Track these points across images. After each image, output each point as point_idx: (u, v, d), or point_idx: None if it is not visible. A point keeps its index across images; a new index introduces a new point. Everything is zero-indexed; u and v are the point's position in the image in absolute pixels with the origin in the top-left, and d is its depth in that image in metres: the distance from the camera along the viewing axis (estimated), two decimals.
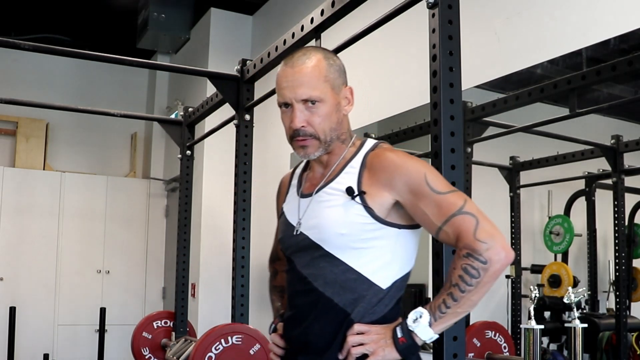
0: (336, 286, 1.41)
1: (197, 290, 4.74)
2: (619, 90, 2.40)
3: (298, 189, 1.59)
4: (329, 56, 1.51)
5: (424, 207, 1.36)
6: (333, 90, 1.47)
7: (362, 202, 1.40)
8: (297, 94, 1.44)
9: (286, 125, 1.49)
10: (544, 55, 2.30)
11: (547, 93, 2.46)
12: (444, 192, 1.36)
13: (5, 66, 5.49)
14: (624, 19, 1.99)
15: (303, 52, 1.49)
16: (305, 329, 1.44)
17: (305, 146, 1.47)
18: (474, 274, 1.28)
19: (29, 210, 5.22)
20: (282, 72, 1.48)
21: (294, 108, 1.45)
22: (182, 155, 3.46)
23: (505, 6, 2.50)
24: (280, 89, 1.47)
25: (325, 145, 1.48)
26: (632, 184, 2.42)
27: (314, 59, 1.46)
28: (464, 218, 1.32)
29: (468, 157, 2.68)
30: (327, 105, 1.46)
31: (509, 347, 2.50)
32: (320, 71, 1.46)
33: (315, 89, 1.44)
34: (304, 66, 1.45)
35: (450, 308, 1.30)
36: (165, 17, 5.00)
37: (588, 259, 2.62)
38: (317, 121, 1.45)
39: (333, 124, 1.48)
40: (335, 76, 1.49)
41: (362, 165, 1.45)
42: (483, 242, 1.28)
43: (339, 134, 1.50)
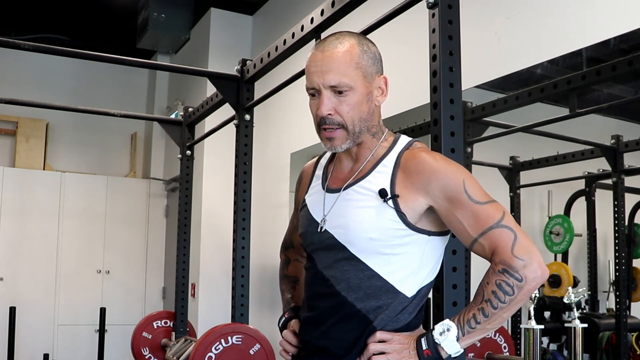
0: (360, 292, 1.35)
1: (197, 290, 4.74)
2: (619, 90, 2.40)
3: (323, 181, 1.50)
4: (364, 42, 1.42)
5: (460, 216, 1.30)
6: (365, 79, 1.39)
7: (395, 207, 1.33)
8: (326, 79, 1.35)
9: (313, 112, 1.40)
10: (544, 55, 2.30)
11: (547, 93, 2.46)
12: (483, 202, 1.29)
13: (5, 66, 5.49)
14: (624, 19, 1.99)
15: (336, 36, 1.41)
16: (324, 333, 1.39)
17: (332, 138, 1.39)
18: (508, 291, 1.23)
19: (29, 210, 5.22)
20: (312, 56, 1.40)
21: (321, 94, 1.37)
22: (182, 155, 3.46)
23: (505, 6, 2.50)
24: (308, 73, 1.39)
25: (353, 137, 1.40)
26: (632, 184, 2.43)
27: (346, 43, 1.38)
28: (501, 232, 1.26)
29: (468, 157, 2.68)
30: (358, 93, 1.37)
31: (509, 347, 2.50)
32: (352, 57, 1.37)
33: (345, 75, 1.36)
34: (335, 50, 1.37)
35: (480, 324, 1.26)
36: (165, 17, 5.00)
37: (588, 259, 2.62)
38: (345, 110, 1.37)
39: (363, 114, 1.39)
40: (369, 63, 1.40)
41: (395, 165, 1.37)
42: (520, 259, 1.23)
43: (369, 126, 1.42)
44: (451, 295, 1.45)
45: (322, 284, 1.41)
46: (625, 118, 2.53)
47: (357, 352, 1.34)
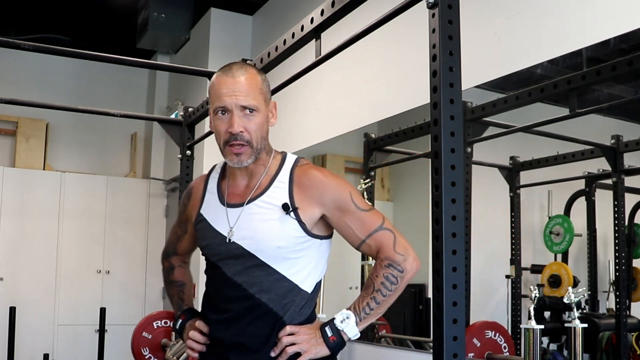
0: (272, 293, 1.57)
1: (197, 290, 4.74)
2: (619, 90, 2.40)
3: (220, 197, 1.68)
4: (260, 72, 1.66)
5: (349, 222, 1.58)
6: (265, 103, 1.61)
7: (297, 217, 1.56)
8: (238, 99, 1.55)
9: (222, 130, 1.58)
10: (544, 55, 2.30)
11: (547, 93, 2.46)
12: (366, 209, 1.59)
13: (5, 66, 5.49)
14: (624, 19, 1.99)
15: (239, 65, 1.62)
16: (241, 331, 1.58)
17: (239, 153, 1.58)
18: (393, 281, 1.54)
19: (29, 210, 5.22)
20: (222, 80, 1.59)
21: (232, 114, 1.56)
22: (182, 155, 3.46)
23: (505, 6, 2.50)
24: (219, 95, 1.57)
25: (256, 153, 1.60)
26: (632, 184, 2.42)
27: (250, 72, 1.60)
28: (384, 234, 1.56)
29: (468, 157, 2.68)
30: (261, 115, 1.59)
31: (509, 347, 2.50)
32: (257, 83, 1.60)
33: (254, 98, 1.57)
34: (244, 77, 1.58)
35: (373, 310, 1.55)
36: (165, 17, 5.00)
37: (588, 259, 2.62)
38: (253, 128, 1.57)
39: (264, 134, 1.61)
40: (267, 90, 1.63)
41: (290, 181, 1.60)
42: (400, 254, 1.55)
43: (265, 145, 1.63)
44: (451, 295, 1.45)
45: (233, 288, 1.60)
46: (625, 118, 2.52)
47: (271, 345, 1.56)
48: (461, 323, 1.45)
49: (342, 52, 2.11)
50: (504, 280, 2.78)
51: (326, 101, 3.76)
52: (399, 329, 3.14)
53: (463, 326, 1.47)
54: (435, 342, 1.43)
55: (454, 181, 1.49)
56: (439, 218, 1.45)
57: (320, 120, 3.82)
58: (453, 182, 1.49)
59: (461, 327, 1.46)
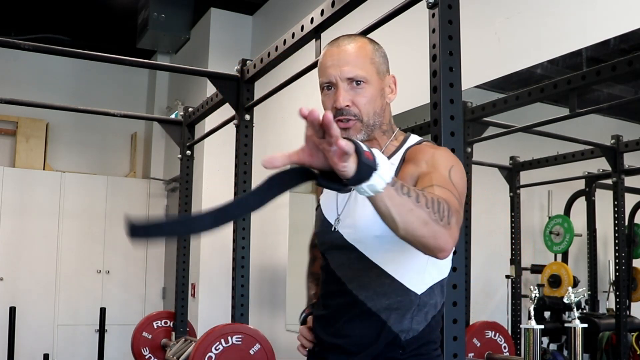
0: (370, 290, 1.36)
1: (197, 290, 4.74)
2: (619, 90, 2.40)
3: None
4: (374, 42, 1.47)
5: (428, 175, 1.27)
6: (378, 75, 1.42)
7: None
8: (343, 71, 1.38)
9: (328, 106, 1.41)
10: (544, 55, 2.30)
11: (547, 93, 2.46)
12: (456, 182, 1.26)
13: (5, 66, 5.48)
14: (624, 19, 1.99)
15: (348, 36, 1.45)
16: (337, 331, 1.41)
17: (347, 128, 1.38)
18: (439, 210, 1.11)
19: (29, 210, 5.22)
20: (327, 51, 1.43)
21: (338, 87, 1.39)
22: (182, 155, 3.46)
23: (505, 6, 2.50)
24: (324, 68, 1.41)
25: (367, 130, 1.40)
26: (632, 184, 2.43)
27: (359, 41, 1.43)
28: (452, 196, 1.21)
29: (468, 157, 2.68)
30: (373, 87, 1.40)
31: (509, 347, 2.50)
32: (367, 52, 1.41)
33: (362, 68, 1.39)
34: (350, 46, 1.41)
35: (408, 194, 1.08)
36: (165, 17, 5.00)
37: (588, 259, 2.62)
38: (362, 102, 1.38)
39: (377, 109, 1.41)
40: (381, 61, 1.44)
41: (401, 161, 1.40)
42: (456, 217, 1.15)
43: (381, 122, 1.43)
44: (451, 295, 1.45)
45: (334, 282, 1.43)
46: (625, 118, 2.53)
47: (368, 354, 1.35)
48: (461, 323, 1.45)
49: None
50: (504, 280, 2.78)
51: None
52: None
53: (463, 326, 1.47)
54: None
55: None
56: None
57: None
58: None
59: (461, 327, 1.46)
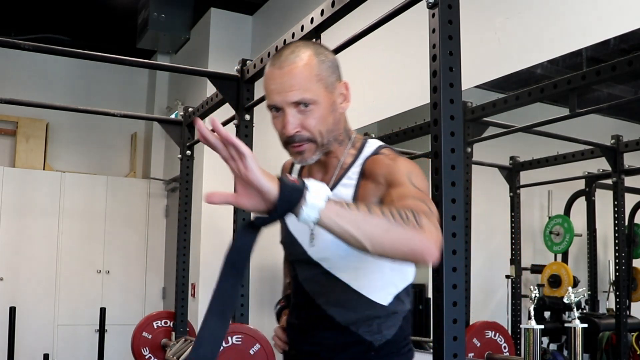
0: (338, 305, 1.38)
1: (197, 290, 4.74)
2: (619, 90, 2.40)
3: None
4: (320, 51, 1.36)
5: (392, 192, 1.24)
6: (327, 89, 1.34)
7: None
8: (288, 97, 1.30)
9: (278, 130, 1.36)
10: (544, 55, 2.30)
11: (547, 93, 2.46)
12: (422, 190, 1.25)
13: (5, 66, 5.48)
14: (624, 19, 1.99)
15: (292, 49, 1.34)
16: (311, 338, 1.44)
17: (301, 151, 1.35)
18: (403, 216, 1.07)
19: (29, 210, 5.22)
20: (270, 73, 1.34)
21: (285, 112, 1.31)
22: (182, 155, 3.46)
23: (505, 6, 2.50)
24: (268, 91, 1.34)
25: (322, 148, 1.37)
26: (632, 184, 2.43)
27: (304, 56, 1.32)
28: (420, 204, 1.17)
29: (468, 157, 2.68)
30: (322, 106, 1.33)
31: (509, 347, 2.50)
32: (312, 70, 1.31)
33: (308, 90, 1.30)
34: (294, 66, 1.31)
35: (355, 210, 1.05)
36: (165, 17, 4.99)
37: (588, 259, 2.62)
38: (312, 124, 1.32)
39: (329, 125, 1.35)
40: (328, 73, 1.35)
41: (360, 176, 1.37)
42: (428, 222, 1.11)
43: (336, 135, 1.39)
44: (451, 295, 1.45)
45: (303, 296, 1.45)
46: (625, 118, 2.53)
47: (345, 357, 1.38)
48: (461, 323, 1.45)
49: (342, 52, 2.11)
50: (504, 280, 2.78)
51: None
52: None
53: (463, 326, 1.47)
54: (435, 342, 1.43)
55: (454, 181, 1.49)
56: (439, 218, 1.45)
57: None
58: (453, 182, 1.49)
59: (461, 327, 1.46)
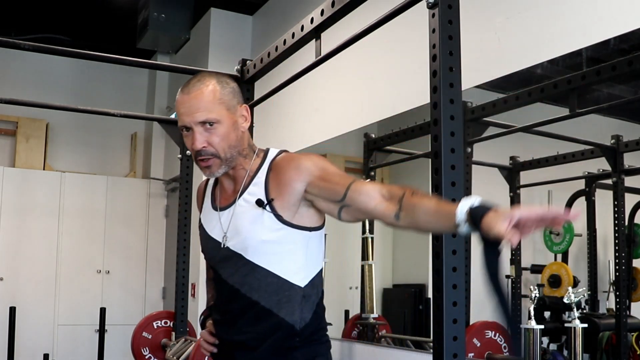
0: (260, 290, 1.56)
1: (197, 290, 4.74)
2: (619, 90, 2.40)
3: (212, 202, 1.71)
4: (222, 79, 1.62)
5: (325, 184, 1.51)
6: (229, 111, 1.58)
7: (272, 211, 1.54)
8: (195, 117, 1.55)
9: (189, 146, 1.59)
10: (544, 55, 2.30)
11: (547, 93, 2.46)
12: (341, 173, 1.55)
13: (5, 66, 5.48)
14: (624, 19, 1.99)
15: (198, 78, 1.60)
16: (238, 330, 1.59)
17: (208, 166, 1.58)
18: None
19: (29, 210, 5.22)
20: (180, 99, 1.58)
21: (193, 131, 1.56)
22: (182, 155, 3.46)
23: (505, 6, 2.50)
24: (179, 114, 1.58)
25: (227, 163, 1.60)
26: (632, 184, 2.43)
27: (208, 83, 1.57)
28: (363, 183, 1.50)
29: (468, 157, 2.68)
30: (224, 125, 1.57)
31: (509, 347, 2.50)
32: (215, 94, 1.57)
33: (211, 111, 1.55)
34: (199, 91, 1.56)
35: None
36: (165, 17, 4.99)
37: (588, 259, 2.62)
38: (216, 141, 1.56)
39: (232, 142, 1.59)
40: (230, 97, 1.59)
41: (267, 173, 1.59)
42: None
43: (239, 150, 1.62)
44: (451, 295, 1.45)
45: (228, 290, 1.61)
46: (625, 118, 2.53)
47: (269, 345, 1.55)
48: (461, 323, 1.45)
49: (342, 52, 2.11)
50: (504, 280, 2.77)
51: (326, 101, 3.76)
52: (399, 329, 3.14)
53: (463, 326, 1.47)
54: (435, 342, 1.44)
55: (454, 181, 1.50)
56: None
57: (320, 120, 3.81)
58: (453, 182, 1.49)
59: (461, 327, 1.46)
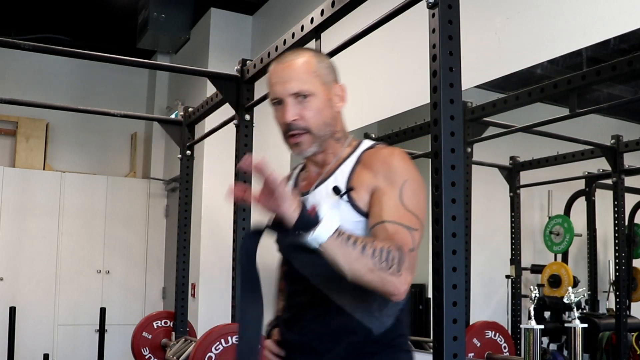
0: (334, 283, 1.36)
1: (197, 290, 4.74)
2: (619, 90, 2.40)
3: (295, 187, 1.59)
4: (319, 55, 1.53)
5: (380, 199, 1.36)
6: (324, 86, 1.47)
7: (349, 200, 1.40)
8: (287, 87, 1.44)
9: (279, 122, 1.48)
10: (544, 55, 2.30)
11: (547, 93, 2.46)
12: (408, 207, 1.35)
13: (5, 66, 5.49)
14: (624, 19, 1.99)
15: (293, 51, 1.51)
16: (303, 329, 1.44)
17: (298, 142, 1.46)
18: (388, 259, 1.23)
19: (29, 210, 5.22)
20: (272, 69, 1.49)
21: (285, 103, 1.44)
22: (182, 155, 3.46)
23: (505, 6, 2.50)
24: (271, 85, 1.48)
25: (318, 141, 1.47)
26: (632, 184, 2.42)
27: (303, 56, 1.48)
28: (405, 233, 1.31)
29: (468, 157, 2.68)
30: (319, 99, 1.45)
31: (509, 347, 2.50)
32: (310, 66, 1.46)
33: (306, 82, 1.44)
34: (294, 62, 1.46)
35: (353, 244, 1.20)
36: (165, 17, 5.00)
37: (588, 259, 2.62)
38: (309, 114, 1.44)
39: (326, 119, 1.47)
40: (326, 72, 1.48)
41: (356, 162, 1.45)
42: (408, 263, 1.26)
43: (332, 131, 1.49)
44: (451, 295, 1.45)
45: (298, 282, 1.46)
46: (625, 118, 2.53)
47: (342, 350, 1.38)
48: (461, 323, 1.45)
49: (342, 52, 2.11)
50: (504, 280, 2.78)
51: None
52: None
53: (463, 326, 1.47)
54: (435, 342, 1.43)
55: (454, 181, 1.49)
56: (439, 218, 1.45)
57: None
58: (453, 182, 1.49)
59: (461, 327, 1.46)
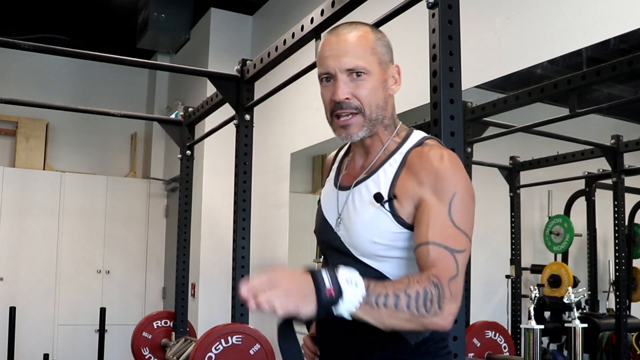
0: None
1: (197, 290, 4.74)
2: (619, 90, 2.40)
3: (336, 177, 1.45)
4: (377, 30, 1.37)
5: (427, 216, 1.22)
6: (380, 65, 1.32)
7: (391, 210, 1.26)
8: (342, 62, 1.29)
9: (327, 99, 1.34)
10: (544, 55, 2.30)
11: (547, 93, 2.46)
12: (456, 225, 1.23)
13: (5, 66, 5.49)
14: (624, 19, 1.99)
15: (349, 24, 1.35)
16: (341, 335, 1.33)
17: (347, 125, 1.31)
18: (427, 306, 1.09)
19: (29, 210, 5.22)
20: (326, 40, 1.34)
21: (337, 79, 1.30)
22: (182, 155, 3.46)
23: (505, 6, 2.50)
24: (322, 58, 1.33)
25: (369, 125, 1.32)
26: (632, 184, 2.43)
27: (361, 29, 1.32)
28: (450, 257, 1.18)
29: (468, 157, 2.68)
30: (374, 78, 1.31)
31: (509, 347, 2.50)
32: (368, 42, 1.31)
33: (362, 58, 1.29)
34: (351, 35, 1.31)
35: (384, 307, 1.06)
36: (165, 17, 5.00)
37: (588, 259, 2.62)
38: (363, 94, 1.30)
39: (380, 101, 1.32)
40: (384, 51, 1.33)
41: (401, 164, 1.30)
42: (450, 293, 1.13)
43: (383, 116, 1.34)
44: None
45: None
46: (625, 118, 2.53)
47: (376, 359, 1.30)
48: (461, 323, 1.45)
49: None
50: (504, 280, 2.78)
51: None
52: None
53: (463, 326, 1.47)
54: None
55: None
56: None
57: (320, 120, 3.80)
58: None
59: (461, 327, 1.46)
